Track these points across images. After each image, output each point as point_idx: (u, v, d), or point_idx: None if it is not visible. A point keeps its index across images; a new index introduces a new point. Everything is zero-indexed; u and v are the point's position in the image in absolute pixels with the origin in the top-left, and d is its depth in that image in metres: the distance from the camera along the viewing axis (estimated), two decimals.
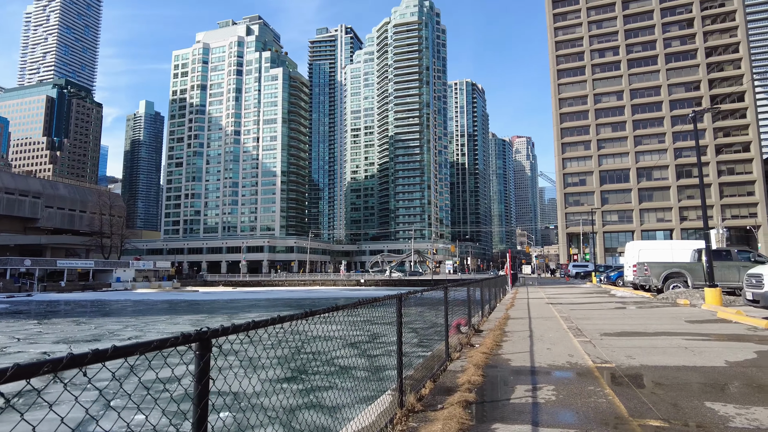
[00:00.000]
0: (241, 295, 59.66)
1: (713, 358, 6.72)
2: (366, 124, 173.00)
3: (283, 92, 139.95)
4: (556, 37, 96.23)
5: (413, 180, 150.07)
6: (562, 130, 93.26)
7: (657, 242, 23.11)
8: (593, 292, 25.04)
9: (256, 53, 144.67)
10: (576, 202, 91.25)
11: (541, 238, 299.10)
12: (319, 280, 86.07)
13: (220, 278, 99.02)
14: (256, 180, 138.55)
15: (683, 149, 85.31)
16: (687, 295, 16.05)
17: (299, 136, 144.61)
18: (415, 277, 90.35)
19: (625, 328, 10.14)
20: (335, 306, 2.93)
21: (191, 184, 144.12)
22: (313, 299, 48.87)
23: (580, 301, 19.00)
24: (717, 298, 13.85)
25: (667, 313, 12.86)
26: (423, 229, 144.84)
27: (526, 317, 12.91)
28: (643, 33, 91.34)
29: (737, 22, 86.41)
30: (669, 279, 18.05)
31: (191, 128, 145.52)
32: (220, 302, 47.71)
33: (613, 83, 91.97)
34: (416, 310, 9.10)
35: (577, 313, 13.85)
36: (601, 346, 7.90)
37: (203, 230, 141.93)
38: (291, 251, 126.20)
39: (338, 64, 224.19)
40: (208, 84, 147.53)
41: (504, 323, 11.53)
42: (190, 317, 32.72)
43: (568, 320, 11.90)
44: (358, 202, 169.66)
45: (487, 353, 7.46)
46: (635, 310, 14.04)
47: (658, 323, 10.84)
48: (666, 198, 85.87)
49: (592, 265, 53.85)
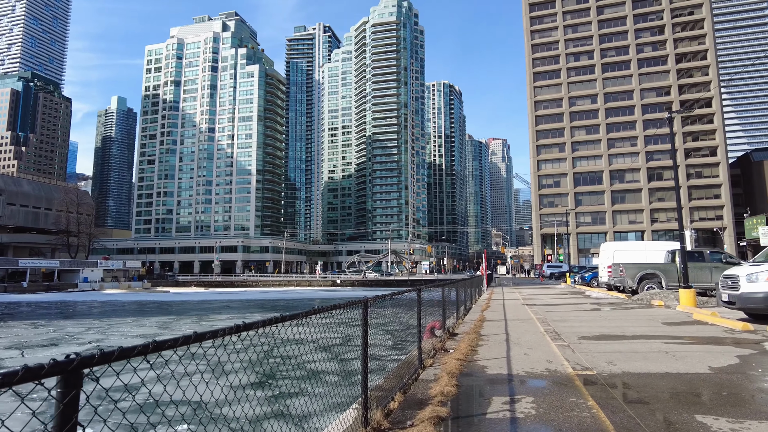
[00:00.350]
0: (214, 296, 58.26)
1: (696, 363, 6.43)
2: (344, 123, 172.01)
3: (259, 89, 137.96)
4: (532, 40, 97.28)
5: (391, 180, 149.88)
6: (538, 132, 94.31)
7: (631, 243, 23.22)
8: (568, 293, 25.04)
9: (231, 50, 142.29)
10: (550, 203, 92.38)
11: (516, 239, 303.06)
12: (295, 280, 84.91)
13: (192, 279, 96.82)
14: (231, 178, 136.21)
15: (654, 152, 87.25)
16: (661, 296, 16.03)
17: (275, 134, 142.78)
18: (391, 277, 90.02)
19: (603, 331, 9.88)
20: (275, 318, 2.39)
21: (164, 182, 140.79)
22: (287, 300, 48.01)
23: (555, 302, 18.86)
24: (691, 300, 13.80)
25: (643, 315, 12.71)
26: (400, 230, 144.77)
27: (502, 319, 12.59)
28: (617, 38, 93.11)
29: (705, 30, 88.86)
30: (644, 280, 18.06)
31: (164, 125, 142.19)
32: (191, 303, 46.38)
33: (587, 87, 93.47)
34: (392, 312, 8.57)
35: (554, 314, 13.61)
36: (581, 351, 7.56)
37: (176, 229, 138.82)
38: (266, 251, 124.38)
39: (316, 62, 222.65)
40: (182, 80, 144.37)
41: (480, 326, 11.16)
42: (158, 319, 31.56)
43: (544, 322, 11.61)
44: (335, 202, 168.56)
45: (461, 359, 7.03)
46: (611, 312, 13.88)
47: (635, 326, 10.63)
48: (638, 200, 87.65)
49: (567, 266, 54.37)
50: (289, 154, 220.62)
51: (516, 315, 13.65)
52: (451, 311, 11.60)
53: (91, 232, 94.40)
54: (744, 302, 9.96)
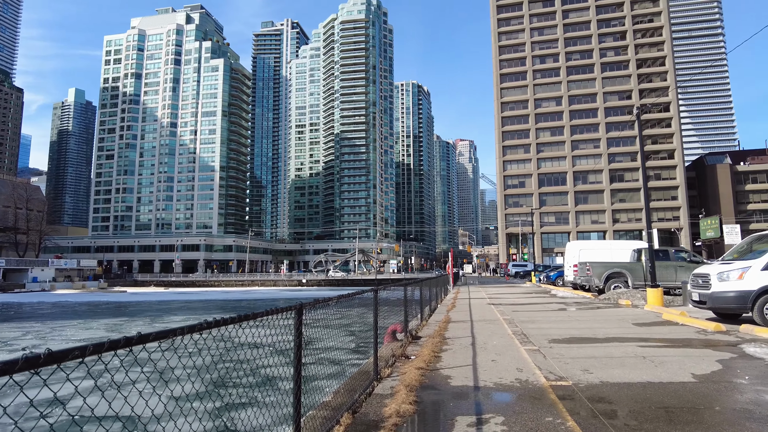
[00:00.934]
0: (173, 297, 55.93)
1: (677, 370, 5.87)
2: (311, 120, 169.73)
3: (224, 84, 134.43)
4: (499, 42, 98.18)
5: (359, 179, 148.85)
6: (504, 133, 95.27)
7: (597, 242, 23.14)
8: (534, 292, 24.81)
9: (195, 42, 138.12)
10: (515, 203, 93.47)
11: (482, 239, 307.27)
12: (258, 280, 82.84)
13: (151, 278, 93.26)
14: (193, 175, 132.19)
15: (616, 155, 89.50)
16: (628, 296, 15.80)
17: (240, 130, 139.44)
18: (358, 276, 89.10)
19: (573, 333, 9.34)
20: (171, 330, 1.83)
21: (123, 178, 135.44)
22: (250, 301, 46.39)
23: (522, 301, 18.46)
24: (659, 299, 13.54)
25: (612, 315, 12.33)
26: (368, 229, 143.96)
27: (467, 320, 11.95)
28: (582, 42, 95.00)
29: (664, 37, 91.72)
30: (610, 279, 17.86)
31: (124, 119, 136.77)
32: (147, 304, 44.21)
33: (553, 89, 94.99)
34: (357, 312, 7.51)
35: (521, 315, 13.08)
36: (552, 357, 6.93)
37: (135, 227, 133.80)
38: (230, 250, 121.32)
39: (283, 58, 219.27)
40: (143, 73, 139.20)
41: (444, 328, 10.47)
42: (108, 321, 29.68)
43: (512, 323, 11.04)
44: (302, 200, 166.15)
45: (423, 368, 6.26)
46: (580, 312, 13.47)
47: (606, 327, 10.15)
48: (600, 201, 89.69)
49: (532, 265, 54.88)
50: (255, 151, 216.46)
51: (482, 315, 13.06)
52: (414, 312, 10.88)
53: (42, 230, 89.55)
54: (715, 302, 9.62)
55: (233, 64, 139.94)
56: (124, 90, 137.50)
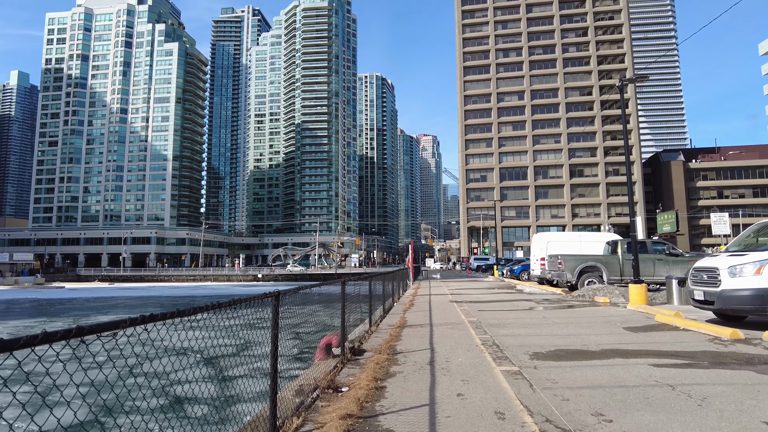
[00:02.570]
0: (115, 293, 51.76)
1: (739, 416, 3.86)
2: (271, 110, 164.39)
3: (178, 69, 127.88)
4: (463, 34, 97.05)
5: (320, 171, 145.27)
6: (467, 126, 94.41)
7: (566, 234, 21.61)
8: (498, 287, 23.09)
9: (148, 25, 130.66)
10: (477, 197, 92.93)
11: (444, 233, 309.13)
12: (211, 275, 78.76)
13: (96, 273, 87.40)
14: (145, 164, 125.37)
15: (577, 150, 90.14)
16: (605, 292, 14.12)
17: (195, 117, 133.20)
18: (318, 271, 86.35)
19: (558, 343, 7.34)
20: None
21: (68, 167, 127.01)
22: (195, 297, 43.01)
23: (487, 298, 16.58)
24: (642, 296, 11.85)
25: (595, 316, 10.49)
26: (330, 222, 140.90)
27: (426, 323, 9.86)
28: (545, 37, 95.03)
29: (623, 35, 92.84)
30: (584, 274, 16.21)
31: (69, 103, 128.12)
32: (80, 301, 40.19)
33: (515, 83, 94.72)
34: (309, 310, 6.11)
35: (489, 315, 11.10)
36: (543, 386, 4.84)
37: (81, 219, 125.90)
38: (182, 243, 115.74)
39: (243, 46, 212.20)
40: (90, 54, 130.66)
41: (397, 335, 8.31)
42: (19, 323, 26.05)
43: (479, 328, 9.00)
44: (261, 193, 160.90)
45: (354, 415, 4.02)
46: (555, 312, 11.59)
47: (594, 333, 8.24)
48: (560, 196, 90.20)
49: (494, 259, 53.85)
50: (213, 142, 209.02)
51: (444, 317, 11.00)
52: (360, 316, 8.67)
53: None
54: (727, 302, 7.83)
55: (188, 48, 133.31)
56: (69, 72, 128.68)
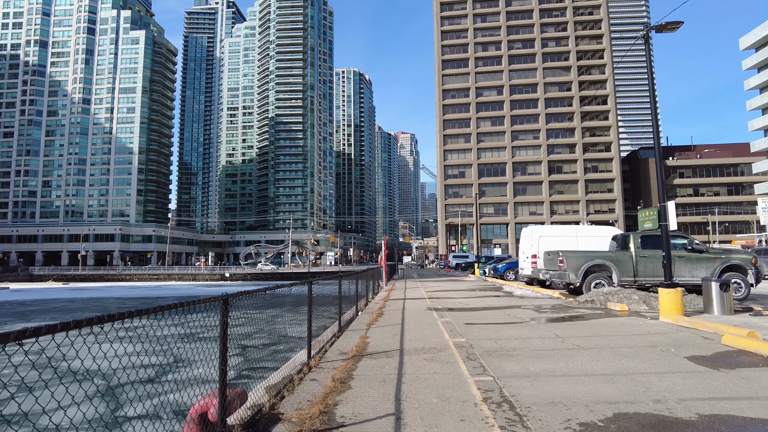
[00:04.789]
0: (62, 294, 47.30)
1: None
2: (245, 103, 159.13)
3: (145, 58, 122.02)
4: (442, 27, 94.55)
5: (295, 166, 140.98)
6: (445, 121, 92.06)
7: (559, 227, 18.86)
8: (483, 288, 20.26)
9: (113, 11, 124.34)
10: (455, 193, 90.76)
11: (422, 231, 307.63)
12: (176, 274, 74.25)
13: (52, 272, 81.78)
14: (109, 157, 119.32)
15: (556, 146, 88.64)
16: (620, 297, 11.34)
17: (163, 109, 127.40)
18: (290, 270, 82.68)
19: (608, 395, 4.42)
20: None
21: (25, 159, 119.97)
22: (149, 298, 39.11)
23: (473, 303, 13.69)
24: (677, 305, 9.08)
25: (626, 335, 7.64)
26: (305, 219, 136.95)
27: (395, 349, 6.89)
28: (524, 31, 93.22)
29: (603, 30, 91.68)
30: (590, 274, 13.45)
31: (26, 92, 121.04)
32: (11, 304, 35.86)
33: (494, 78, 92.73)
34: (267, 315, 4.99)
35: (481, 333, 8.18)
36: None
37: (40, 214, 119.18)
38: (149, 241, 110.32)
39: (217, 39, 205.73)
40: (49, 41, 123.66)
41: (346, 379, 5.29)
42: None
43: (473, 359, 6.07)
44: (234, 188, 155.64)
45: None
46: (569, 327, 8.71)
47: (649, 368, 5.35)
48: (539, 192, 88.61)
49: (474, 256, 51.32)
50: (185, 136, 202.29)
51: (421, 336, 8.03)
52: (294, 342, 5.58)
53: None
54: None
55: (156, 37, 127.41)
56: (26, 59, 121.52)
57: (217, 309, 3.42)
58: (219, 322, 3.41)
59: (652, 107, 10.20)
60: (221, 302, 3.39)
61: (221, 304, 3.40)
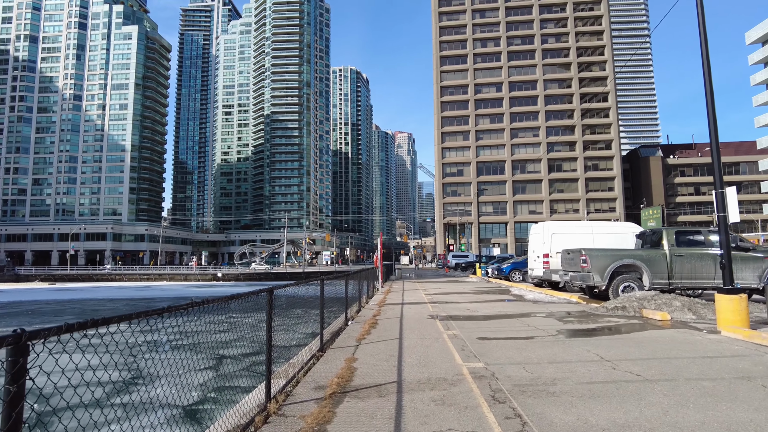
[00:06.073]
0: (44, 295, 45.32)
1: None
2: (240, 101, 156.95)
3: (138, 54, 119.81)
4: (440, 22, 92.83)
5: (291, 165, 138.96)
6: (443, 119, 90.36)
7: (574, 224, 17.04)
8: (490, 292, 18.49)
9: (105, 5, 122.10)
10: (454, 192, 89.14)
11: (419, 230, 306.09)
12: (167, 274, 72.21)
13: (39, 272, 79.62)
14: (101, 155, 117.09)
15: (555, 144, 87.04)
16: (658, 304, 9.56)
17: (156, 106, 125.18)
18: (285, 269, 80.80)
19: None
20: None
21: (15, 156, 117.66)
22: (132, 300, 37.21)
23: (483, 311, 11.90)
24: (743, 316, 7.31)
25: (696, 357, 5.84)
26: (301, 218, 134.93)
27: (391, 382, 5.10)
28: (523, 27, 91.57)
29: (603, 27, 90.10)
30: (617, 275, 11.65)
31: (16, 87, 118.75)
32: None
33: (493, 74, 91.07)
34: (251, 320, 4.16)
35: (503, 355, 6.40)
36: None
37: (30, 213, 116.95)
38: (141, 240, 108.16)
39: (213, 36, 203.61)
40: (40, 36, 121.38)
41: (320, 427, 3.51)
42: None
43: (505, 405, 4.29)
44: (229, 187, 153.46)
45: None
46: (614, 347, 6.88)
47: (763, 418, 3.60)
48: (538, 191, 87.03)
49: (473, 256, 49.58)
50: (181, 135, 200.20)
51: (425, 360, 6.23)
52: None
53: None
54: None
55: (150, 32, 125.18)
56: (15, 54, 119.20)
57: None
58: None
59: (706, 76, 8.42)
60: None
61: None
